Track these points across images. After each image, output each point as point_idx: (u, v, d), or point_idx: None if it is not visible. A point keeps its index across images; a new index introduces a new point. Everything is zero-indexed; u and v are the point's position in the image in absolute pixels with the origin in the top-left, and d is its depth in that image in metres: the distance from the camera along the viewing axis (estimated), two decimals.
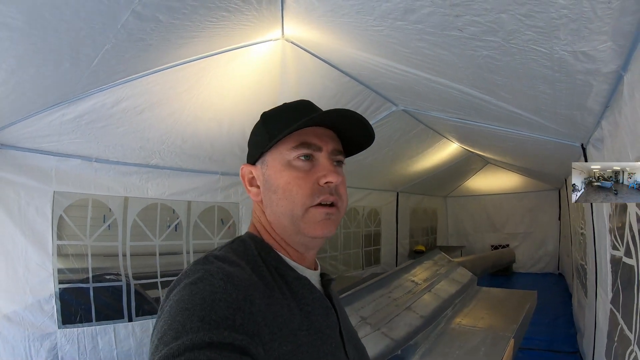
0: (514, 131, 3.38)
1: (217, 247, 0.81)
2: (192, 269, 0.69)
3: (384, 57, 2.53)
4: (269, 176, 0.85)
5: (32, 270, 2.80)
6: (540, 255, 9.09)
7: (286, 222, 0.83)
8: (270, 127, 0.87)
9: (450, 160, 6.62)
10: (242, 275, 0.70)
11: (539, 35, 1.57)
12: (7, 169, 2.70)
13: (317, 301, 0.82)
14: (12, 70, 1.84)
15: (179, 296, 0.63)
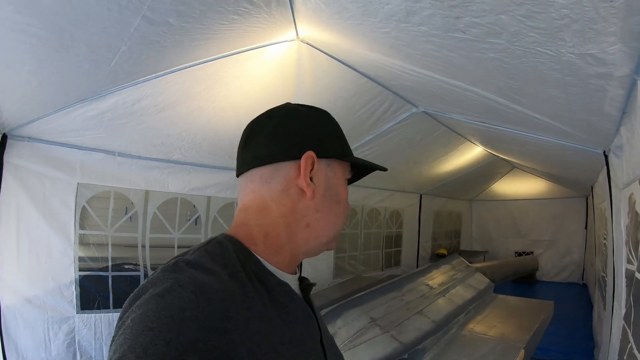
0: (534, 136, 3.31)
1: (190, 249, 0.73)
2: (159, 277, 0.61)
3: (396, 59, 2.53)
4: (334, 184, 0.84)
5: (54, 257, 2.95)
6: (565, 264, 8.80)
7: (330, 232, 0.84)
8: (344, 139, 0.90)
9: (475, 164, 6.51)
10: (217, 286, 0.62)
11: (542, 37, 1.54)
12: (33, 160, 2.85)
13: (298, 310, 0.76)
14: (33, 71, 1.96)
15: (143, 309, 0.56)
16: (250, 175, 0.82)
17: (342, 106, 3.66)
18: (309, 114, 0.86)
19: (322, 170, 0.82)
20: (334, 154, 0.84)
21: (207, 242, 0.75)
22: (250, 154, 0.82)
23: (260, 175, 0.81)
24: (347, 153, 0.89)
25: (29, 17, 1.52)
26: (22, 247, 2.78)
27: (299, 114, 0.85)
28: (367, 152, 4.71)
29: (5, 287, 2.66)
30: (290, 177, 0.80)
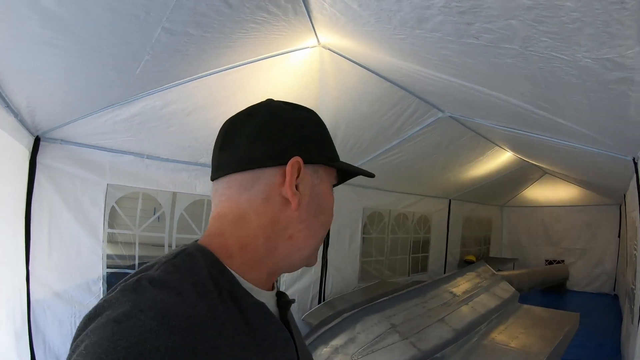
0: (562, 142, 3.22)
1: (157, 261, 0.65)
2: (118, 298, 0.55)
3: (416, 64, 2.52)
4: (320, 192, 0.77)
5: (83, 255, 3.08)
6: (596, 273, 8.49)
7: (313, 245, 0.77)
8: (331, 142, 0.82)
9: (505, 169, 6.35)
10: (184, 310, 0.55)
11: (556, 41, 1.49)
12: (65, 161, 2.98)
13: (275, 333, 0.69)
14: (62, 79, 2.07)
15: (98, 337, 0.50)
16: (228, 181, 0.73)
17: (367, 111, 3.66)
18: (295, 114, 0.77)
19: (308, 177, 0.75)
20: (321, 159, 0.77)
21: (176, 253, 0.66)
22: (229, 156, 0.73)
23: (240, 181, 0.72)
24: (335, 158, 0.81)
25: (52, 31, 1.61)
26: (52, 244, 2.91)
27: (284, 113, 0.76)
28: (393, 157, 4.69)
29: (35, 282, 2.79)
30: (273, 184, 0.72)
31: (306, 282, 4.86)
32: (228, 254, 0.69)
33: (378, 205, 5.91)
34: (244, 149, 0.72)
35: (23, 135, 2.58)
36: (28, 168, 2.78)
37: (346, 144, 4.17)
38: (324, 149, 0.78)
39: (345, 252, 5.44)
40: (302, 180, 0.73)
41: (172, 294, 0.56)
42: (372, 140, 4.23)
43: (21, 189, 2.70)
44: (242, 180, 0.72)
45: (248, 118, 0.75)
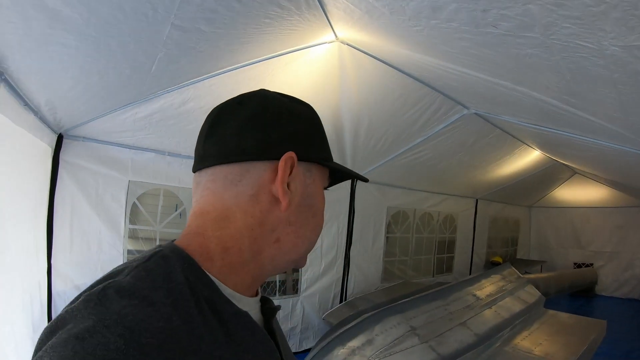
0: (591, 140, 3.04)
1: (127, 264, 0.58)
2: (80, 310, 0.49)
3: (436, 57, 2.42)
4: (312, 193, 0.71)
5: (104, 249, 3.14)
6: (626, 278, 8.12)
7: (302, 249, 0.71)
8: (327, 140, 0.76)
9: (533, 168, 6.12)
10: (156, 324, 0.49)
11: (579, 27, 1.37)
12: (87, 159, 3.04)
13: (258, 345, 0.63)
14: (77, 78, 2.09)
15: (58, 356, 0.44)
16: (212, 173, 0.67)
17: (389, 108, 3.58)
18: (290, 107, 0.71)
19: (300, 175, 0.69)
20: (315, 157, 0.71)
21: (149, 256, 0.59)
22: (215, 146, 0.67)
23: (226, 174, 0.66)
24: (329, 157, 0.75)
25: (61, 31, 1.62)
26: (74, 239, 2.98)
27: (278, 104, 0.70)
28: (417, 155, 4.59)
29: (57, 275, 2.86)
30: (263, 180, 0.66)
31: (328, 280, 4.82)
32: (208, 256, 0.62)
33: (402, 204, 5.80)
34: (233, 139, 0.65)
35: (45, 133, 2.63)
36: (51, 165, 2.84)
37: (369, 142, 4.10)
38: (318, 146, 0.72)
39: (368, 251, 5.36)
40: (294, 178, 0.67)
41: (143, 305, 0.50)
42: (395, 138, 4.14)
43: (43, 186, 2.76)
44: (228, 173, 0.66)
45: (239, 106, 0.69)
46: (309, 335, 4.58)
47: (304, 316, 4.56)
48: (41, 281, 2.67)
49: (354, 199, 4.98)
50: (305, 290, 4.58)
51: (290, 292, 4.58)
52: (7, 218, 2.05)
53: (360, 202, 5.05)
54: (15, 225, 2.21)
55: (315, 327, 4.63)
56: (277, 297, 4.41)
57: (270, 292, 4.42)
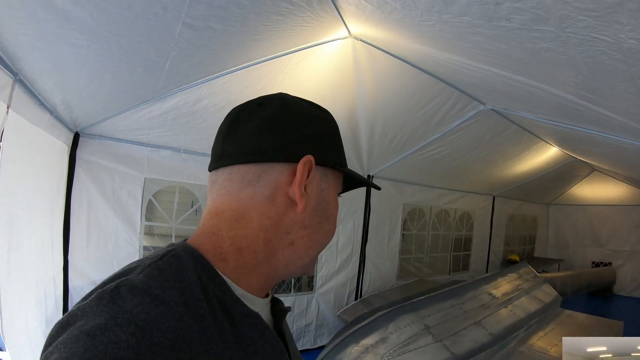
0: (609, 136, 2.94)
1: (139, 262, 0.58)
2: (92, 307, 0.49)
3: (451, 53, 2.37)
4: (328, 197, 0.71)
5: (120, 246, 3.18)
6: None
7: (314, 253, 0.71)
8: (342, 147, 0.76)
9: (551, 165, 5.99)
10: (167, 324, 0.49)
11: (595, 20, 1.31)
12: (104, 156, 3.07)
13: (268, 347, 0.63)
14: (90, 77, 2.11)
15: (68, 352, 0.44)
16: (230, 173, 0.66)
17: (405, 104, 3.54)
18: (310, 111, 0.72)
19: (317, 179, 0.69)
20: (332, 162, 0.71)
21: (162, 254, 0.59)
22: (234, 146, 0.67)
23: (243, 174, 0.66)
24: (344, 163, 0.75)
25: (71, 31, 1.63)
26: (91, 235, 3.03)
27: (297, 107, 0.70)
28: (433, 151, 4.53)
29: (74, 270, 2.91)
30: (280, 182, 0.65)
31: (343, 277, 4.80)
32: (222, 256, 0.63)
33: (419, 202, 5.75)
34: (252, 140, 0.66)
35: (61, 131, 2.68)
36: (68, 163, 2.89)
37: (384, 139, 4.07)
38: (335, 151, 0.73)
39: (384, 248, 5.33)
40: (311, 181, 0.67)
41: (155, 304, 0.50)
42: (411, 134, 4.09)
43: (60, 183, 2.80)
44: (245, 173, 0.66)
45: (259, 108, 0.69)
46: (324, 332, 4.57)
47: (319, 313, 4.55)
48: (56, 276, 2.72)
49: (369, 196, 4.95)
50: (320, 287, 4.57)
51: (306, 289, 4.58)
52: (23, 215, 2.09)
53: (376, 199, 5.02)
54: (31, 222, 2.26)
55: (330, 324, 4.62)
56: (292, 293, 4.42)
57: (286, 288, 4.43)
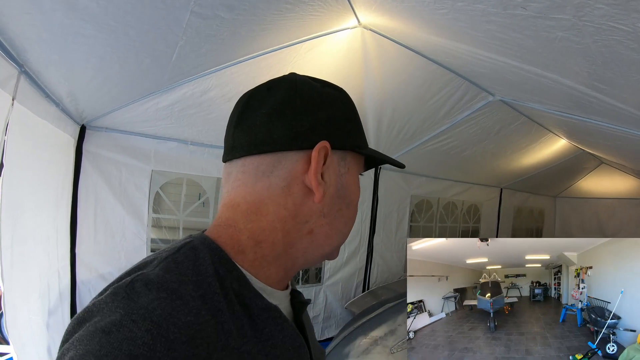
0: (620, 128, 2.88)
1: (156, 255, 0.58)
2: (107, 302, 0.48)
3: (462, 43, 2.32)
4: (347, 183, 0.68)
5: (128, 238, 3.17)
6: None
7: (335, 241, 0.70)
8: (361, 126, 0.73)
9: (559, 157, 5.90)
10: (184, 318, 0.48)
11: (613, 9, 1.27)
12: (110, 148, 3.05)
13: (287, 340, 0.62)
14: (97, 68, 2.08)
15: (84, 349, 0.43)
16: (243, 164, 0.65)
17: (413, 95, 3.49)
18: (322, 91, 0.68)
19: (334, 165, 0.66)
20: (350, 145, 0.69)
21: (178, 247, 0.58)
22: (245, 136, 0.65)
23: (257, 165, 0.64)
24: (363, 144, 0.72)
25: (79, 20, 1.59)
26: (98, 228, 3.01)
27: (309, 89, 0.66)
28: (441, 143, 4.48)
29: (81, 264, 2.90)
30: (295, 171, 0.63)
31: (351, 269, 4.79)
32: (239, 249, 0.62)
33: (426, 193, 5.70)
34: (263, 128, 0.63)
35: (67, 124, 2.66)
36: (74, 155, 2.86)
37: (392, 129, 4.02)
38: (353, 133, 0.70)
39: (392, 240, 5.29)
40: (327, 168, 0.64)
41: (172, 299, 0.49)
42: (419, 125, 4.04)
43: (66, 176, 2.79)
44: (259, 164, 0.64)
45: (268, 92, 0.66)
46: (332, 324, 4.57)
47: (327, 305, 4.54)
48: (60, 270, 2.71)
49: (377, 187, 4.91)
50: (328, 279, 4.56)
51: (313, 280, 4.57)
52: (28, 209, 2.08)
53: (384, 190, 4.98)
54: (36, 217, 2.25)
55: (338, 316, 4.61)
56: (300, 285, 4.41)
57: (293, 280, 4.40)
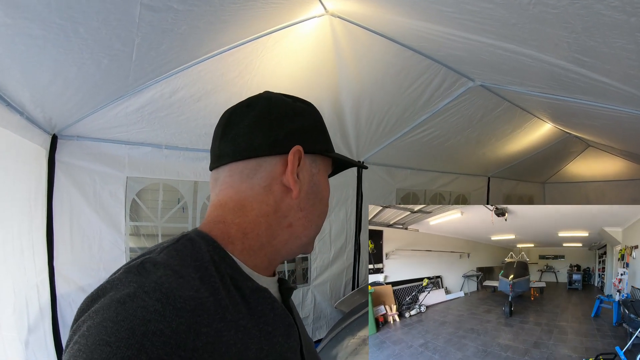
0: (604, 106, 2.83)
1: (159, 245, 0.67)
2: (121, 279, 0.55)
3: (436, 23, 2.26)
4: (318, 182, 0.81)
5: (106, 248, 3.07)
6: None
7: (311, 233, 0.81)
8: (327, 133, 0.87)
9: (545, 142, 5.88)
10: (187, 293, 0.55)
11: None
12: (83, 157, 2.96)
13: (278, 318, 0.70)
14: (53, 72, 1.99)
15: (101, 318, 0.50)
16: (229, 170, 0.77)
17: (391, 84, 3.43)
18: (295, 106, 0.81)
19: (307, 166, 0.79)
20: (319, 149, 0.81)
21: (177, 238, 0.68)
22: (230, 146, 0.76)
23: (241, 169, 0.76)
24: (330, 149, 0.85)
25: (22, 20, 1.52)
26: (75, 240, 2.92)
27: (282, 104, 0.80)
28: (423, 133, 4.43)
29: (60, 277, 2.81)
30: (274, 173, 0.75)
31: (339, 267, 4.72)
32: (229, 240, 0.71)
33: (412, 186, 5.65)
34: (245, 138, 0.75)
35: (35, 133, 2.56)
36: (47, 166, 2.78)
37: (372, 122, 3.96)
38: (321, 139, 0.82)
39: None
40: (302, 169, 0.77)
41: (176, 277, 0.57)
42: (399, 116, 3.99)
43: (39, 188, 2.70)
44: (243, 168, 0.75)
45: (247, 109, 0.78)
46: (322, 325, 4.49)
47: (316, 305, 4.47)
48: (39, 284, 2.62)
49: (361, 182, 4.84)
50: (315, 279, 4.48)
51: (301, 281, 4.50)
52: None
53: (368, 185, 4.92)
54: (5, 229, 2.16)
55: (328, 315, 4.54)
56: None
57: None
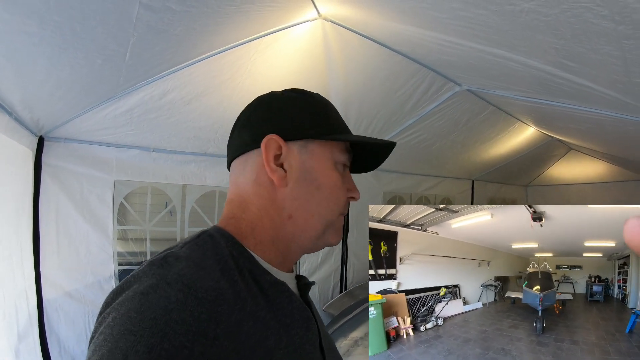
0: (589, 110, 2.91)
1: (180, 242, 0.69)
2: (145, 272, 0.58)
3: (426, 28, 2.29)
4: (312, 168, 0.78)
5: (93, 253, 3.02)
6: None
7: (317, 225, 0.78)
8: (332, 116, 0.84)
9: (528, 146, 6.00)
10: (208, 284, 0.57)
11: None
12: (70, 160, 2.91)
13: (296, 311, 0.71)
14: (47, 71, 1.96)
15: (125, 308, 0.52)
16: (232, 167, 0.82)
17: (379, 88, 3.47)
18: (283, 97, 0.82)
19: (294, 153, 0.77)
20: (310, 134, 0.78)
21: (198, 234, 0.71)
22: (230, 146, 0.83)
23: (237, 166, 0.80)
24: (334, 132, 0.81)
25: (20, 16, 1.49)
26: (61, 244, 2.86)
27: (271, 99, 0.82)
28: (409, 137, 4.49)
29: (46, 282, 2.74)
30: (258, 164, 0.77)
31: (327, 270, 4.72)
32: (243, 235, 0.73)
33: (398, 189, 5.70)
34: (237, 137, 0.82)
35: (22, 135, 2.51)
36: (33, 169, 2.72)
37: (360, 126, 3.99)
38: (313, 123, 0.80)
39: (366, 239, 5.24)
40: (286, 157, 0.76)
41: (197, 268, 0.59)
42: (387, 120, 4.03)
43: (25, 190, 2.65)
44: (238, 164, 0.80)
45: (242, 114, 0.84)
46: None
47: None
48: (28, 289, 2.56)
49: None
50: None
51: None
52: None
53: None
54: None
55: None
56: None
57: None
